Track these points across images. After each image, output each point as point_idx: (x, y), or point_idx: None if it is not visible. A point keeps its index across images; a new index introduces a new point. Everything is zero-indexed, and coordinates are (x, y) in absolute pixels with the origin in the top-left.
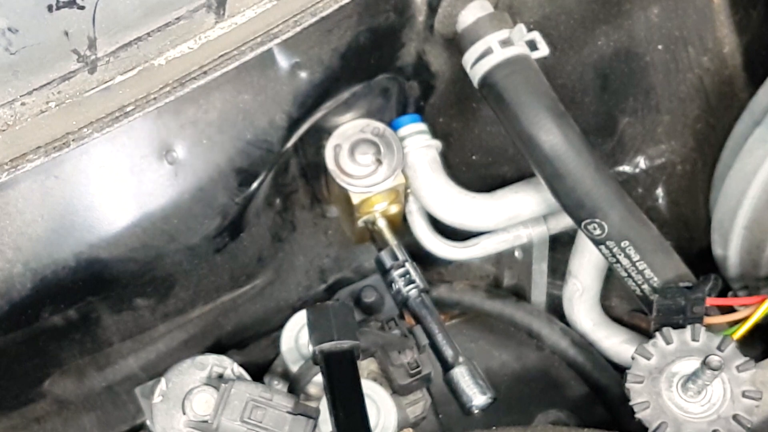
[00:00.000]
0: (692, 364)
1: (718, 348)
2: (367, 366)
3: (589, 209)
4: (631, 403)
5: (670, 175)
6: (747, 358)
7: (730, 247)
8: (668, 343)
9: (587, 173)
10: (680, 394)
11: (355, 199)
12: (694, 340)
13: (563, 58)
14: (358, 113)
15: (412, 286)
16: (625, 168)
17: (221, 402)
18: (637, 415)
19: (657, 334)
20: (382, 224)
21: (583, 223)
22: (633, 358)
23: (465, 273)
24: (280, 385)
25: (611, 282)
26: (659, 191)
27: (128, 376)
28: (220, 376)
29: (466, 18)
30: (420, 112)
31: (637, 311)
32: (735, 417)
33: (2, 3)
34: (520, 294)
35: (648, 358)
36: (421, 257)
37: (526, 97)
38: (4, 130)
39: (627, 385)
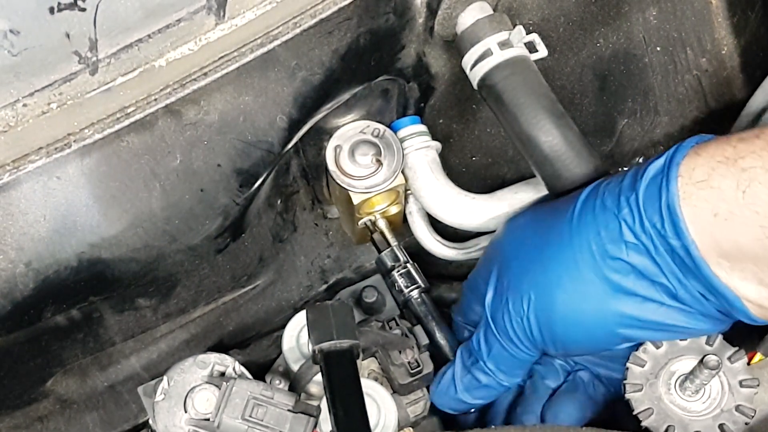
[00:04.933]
0: (685, 363)
1: (707, 344)
2: (367, 365)
3: None
4: (635, 413)
5: None
6: (736, 348)
7: None
8: (657, 347)
9: (586, 174)
10: (680, 395)
11: (356, 200)
12: (681, 339)
13: (562, 59)
14: (358, 114)
15: (413, 286)
16: (624, 169)
17: (223, 400)
18: (644, 423)
19: None
20: (382, 225)
21: None
22: (627, 368)
23: (465, 273)
24: (281, 385)
25: None
26: None
27: (130, 375)
28: (222, 375)
29: (466, 20)
30: (420, 113)
31: None
32: (738, 408)
33: (4, 5)
34: None
35: (641, 366)
36: (421, 257)
37: (525, 98)
38: (6, 131)
39: (627, 396)
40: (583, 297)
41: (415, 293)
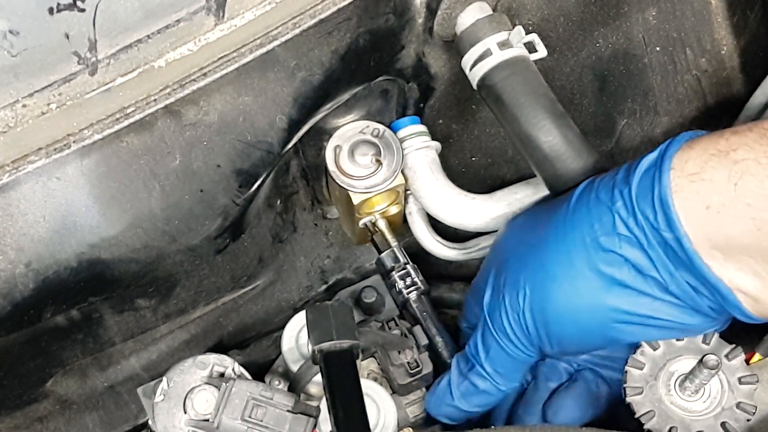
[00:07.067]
0: (683, 363)
1: (704, 343)
2: (367, 366)
3: None
4: (636, 416)
5: None
6: (733, 345)
7: None
8: (655, 348)
9: (586, 174)
10: (680, 396)
11: (356, 200)
12: (678, 340)
13: (562, 59)
14: (358, 115)
15: (413, 287)
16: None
17: (222, 400)
18: (646, 426)
19: (642, 341)
20: (382, 225)
21: None
22: (626, 372)
23: (465, 273)
24: (281, 385)
25: None
26: None
27: (130, 376)
28: (221, 375)
29: (465, 20)
30: (420, 113)
31: None
32: (738, 405)
33: (3, 5)
34: None
35: (640, 368)
36: (421, 257)
37: (525, 98)
38: (5, 132)
39: (627, 399)
40: (577, 291)
41: (413, 295)
